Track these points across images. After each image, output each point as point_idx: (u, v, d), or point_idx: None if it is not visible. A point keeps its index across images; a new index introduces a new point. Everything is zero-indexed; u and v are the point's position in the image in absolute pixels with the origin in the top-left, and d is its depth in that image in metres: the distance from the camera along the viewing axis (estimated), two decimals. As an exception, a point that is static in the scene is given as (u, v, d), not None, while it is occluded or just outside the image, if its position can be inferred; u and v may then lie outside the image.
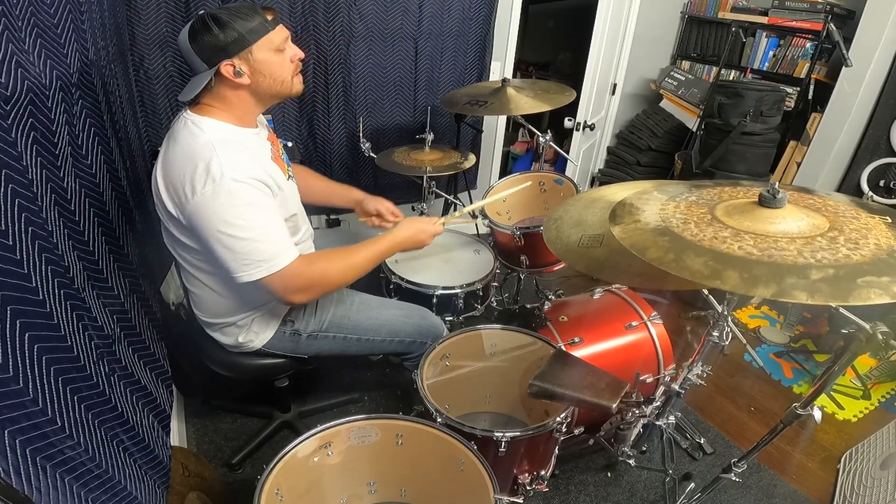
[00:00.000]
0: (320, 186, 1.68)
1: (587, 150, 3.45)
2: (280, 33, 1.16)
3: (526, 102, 1.96)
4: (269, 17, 1.15)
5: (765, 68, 2.92)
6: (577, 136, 3.34)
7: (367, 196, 1.68)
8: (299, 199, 1.38)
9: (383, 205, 1.66)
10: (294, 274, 1.14)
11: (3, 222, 0.68)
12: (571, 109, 3.95)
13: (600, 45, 2.95)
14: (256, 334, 1.37)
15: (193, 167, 1.07)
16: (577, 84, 2.39)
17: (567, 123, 3.25)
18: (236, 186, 1.06)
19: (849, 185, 2.60)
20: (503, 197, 1.61)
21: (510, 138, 4.07)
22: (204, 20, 1.09)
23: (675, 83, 3.20)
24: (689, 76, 3.18)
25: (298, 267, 1.15)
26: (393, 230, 1.38)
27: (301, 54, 1.22)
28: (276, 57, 1.16)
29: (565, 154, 2.55)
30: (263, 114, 1.32)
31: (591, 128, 3.33)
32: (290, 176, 1.33)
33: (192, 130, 1.12)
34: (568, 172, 3.34)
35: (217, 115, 1.17)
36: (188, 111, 1.17)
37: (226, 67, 1.10)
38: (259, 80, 1.15)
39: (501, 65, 2.79)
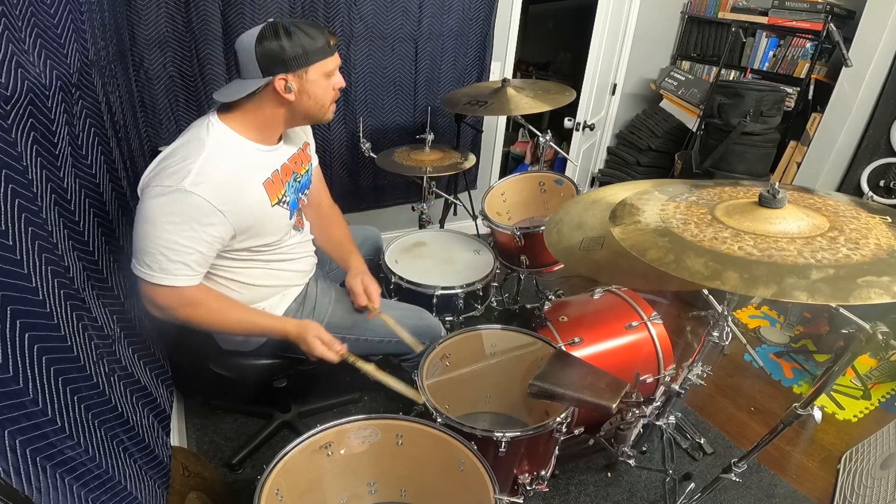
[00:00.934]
0: (331, 240, 1.57)
1: (587, 151, 3.46)
2: (335, 60, 1.17)
3: (526, 102, 1.96)
4: (332, 42, 1.15)
5: (765, 68, 2.92)
6: (577, 136, 3.34)
7: (355, 267, 1.50)
8: (286, 227, 1.32)
9: (361, 284, 1.45)
10: (165, 295, 1.12)
11: (3, 222, 0.68)
12: (571, 109, 3.96)
13: (600, 45, 2.95)
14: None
15: (174, 162, 1.08)
16: (576, 84, 2.39)
17: (567, 123, 3.24)
18: (182, 197, 1.05)
19: (849, 185, 2.60)
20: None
21: (510, 138, 4.07)
22: (276, 28, 1.08)
23: (675, 83, 3.20)
24: (689, 76, 3.18)
25: (181, 300, 1.13)
26: (290, 320, 1.31)
27: (343, 83, 1.22)
28: (325, 81, 1.17)
29: (565, 154, 2.55)
30: None
31: (591, 128, 3.33)
32: (279, 202, 1.26)
33: (202, 131, 1.13)
34: (568, 172, 3.35)
35: (239, 123, 1.17)
36: (215, 115, 1.17)
37: (279, 81, 1.10)
38: (303, 101, 1.16)
39: (501, 65, 2.79)
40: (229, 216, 1.11)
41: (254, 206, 1.18)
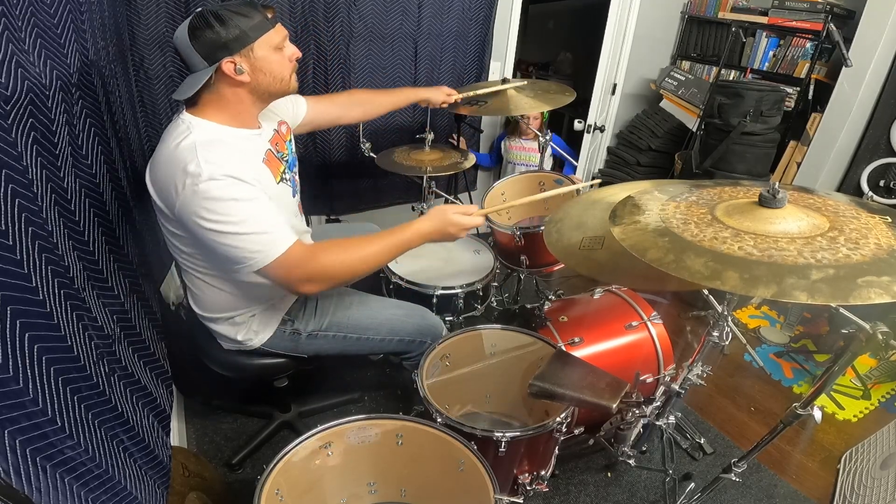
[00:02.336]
0: (387, 101, 1.83)
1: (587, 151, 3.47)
2: (279, 32, 1.16)
3: (526, 102, 1.96)
4: (270, 15, 1.15)
5: (765, 68, 2.92)
6: (587, 138, 3.36)
7: (427, 92, 1.89)
8: (293, 205, 1.35)
9: (443, 92, 1.89)
10: (296, 262, 1.10)
11: (3, 222, 0.68)
12: (573, 110, 3.96)
13: (610, 46, 2.98)
14: (256, 333, 1.37)
15: (174, 170, 1.07)
16: (577, 84, 2.39)
17: (577, 126, 3.25)
18: (214, 185, 1.04)
19: (849, 185, 2.60)
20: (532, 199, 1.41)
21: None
22: (205, 17, 1.08)
23: (675, 83, 3.20)
24: (689, 76, 3.18)
25: (302, 255, 1.11)
26: (419, 219, 1.26)
27: (299, 53, 1.22)
28: (276, 55, 1.16)
29: (566, 156, 2.55)
30: None
31: (602, 130, 3.34)
32: (282, 180, 1.30)
33: (181, 132, 1.12)
34: (577, 174, 3.36)
35: (213, 115, 1.16)
36: (185, 112, 1.17)
37: (227, 65, 1.10)
38: (259, 78, 1.15)
39: (501, 65, 2.79)
40: (255, 184, 1.11)
41: (263, 181, 1.18)
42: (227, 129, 1.18)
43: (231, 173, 1.07)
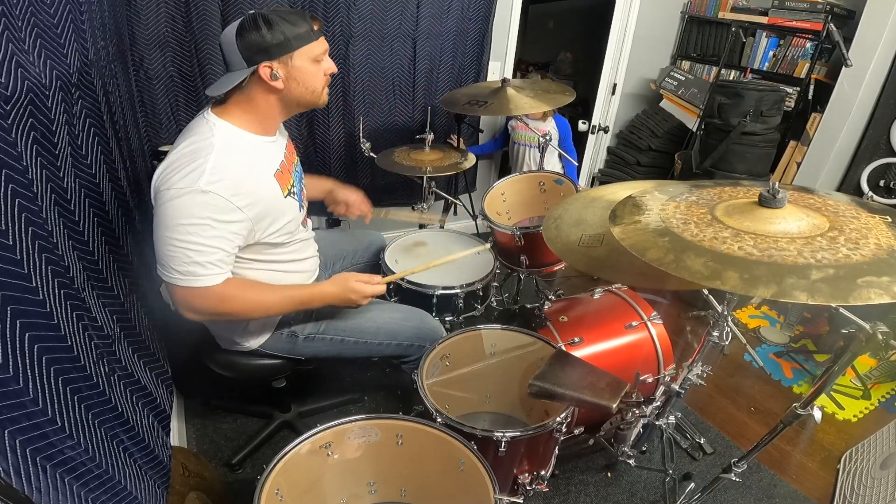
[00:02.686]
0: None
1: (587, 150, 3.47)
2: (321, 45, 1.17)
3: (526, 102, 1.96)
4: (316, 28, 1.16)
5: (765, 68, 2.92)
6: (591, 139, 3.37)
7: (336, 185, 1.68)
8: (299, 219, 1.35)
9: (351, 195, 1.66)
10: (199, 297, 1.13)
11: (3, 222, 0.68)
12: (575, 111, 3.95)
13: (614, 47, 2.99)
14: (252, 334, 1.37)
15: (183, 164, 1.07)
16: (577, 84, 2.39)
17: (581, 126, 3.25)
18: (200, 198, 1.05)
19: (849, 185, 2.60)
20: (451, 259, 1.50)
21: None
22: (255, 18, 1.09)
23: (675, 83, 3.20)
24: (689, 76, 3.18)
25: (207, 294, 1.13)
26: (324, 283, 1.31)
27: (334, 69, 1.23)
28: (313, 67, 1.17)
29: (566, 155, 2.55)
30: None
31: (606, 130, 3.35)
32: (290, 193, 1.29)
33: (204, 130, 1.13)
34: (579, 174, 3.37)
35: (238, 117, 1.17)
36: (210, 111, 1.17)
37: (264, 69, 1.11)
38: (292, 87, 1.16)
39: (501, 65, 2.79)
40: (246, 210, 1.12)
41: (268, 199, 1.19)
42: (247, 134, 1.18)
43: (226, 193, 1.07)
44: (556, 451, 1.38)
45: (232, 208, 1.09)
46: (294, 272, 1.38)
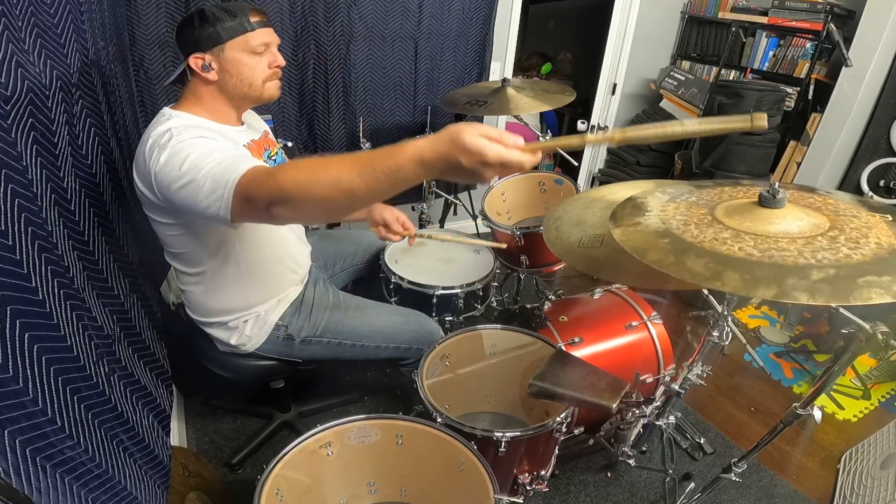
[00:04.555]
0: None
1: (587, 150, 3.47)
2: (259, 37, 1.16)
3: (526, 102, 1.96)
4: (254, 20, 1.15)
5: (765, 68, 2.92)
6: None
7: (379, 204, 1.58)
8: None
9: (391, 213, 1.57)
10: (252, 182, 0.91)
11: (3, 222, 0.68)
12: (575, 111, 3.95)
13: (614, 47, 2.99)
14: (249, 338, 1.37)
15: (147, 146, 1.06)
16: (577, 84, 2.39)
17: (580, 126, 3.25)
18: (179, 136, 1.02)
19: (849, 186, 2.60)
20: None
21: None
22: (192, 15, 1.13)
23: (675, 83, 3.20)
24: (689, 76, 3.18)
25: (260, 172, 0.93)
26: (423, 140, 0.79)
27: (282, 62, 1.22)
28: (249, 59, 1.16)
29: (565, 154, 2.55)
30: (261, 114, 1.31)
31: (605, 130, 3.34)
32: (267, 160, 1.30)
33: (160, 121, 1.12)
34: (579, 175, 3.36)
35: (192, 109, 1.18)
36: (167, 108, 1.18)
37: (194, 60, 1.13)
38: (226, 79, 1.16)
39: (501, 65, 2.79)
40: (221, 140, 1.08)
41: (238, 148, 1.17)
42: (206, 121, 1.18)
43: (194, 123, 1.10)
44: (556, 451, 1.38)
45: (209, 131, 1.10)
46: (286, 273, 1.38)
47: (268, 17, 1.19)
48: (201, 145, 1.02)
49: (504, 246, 1.76)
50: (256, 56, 1.17)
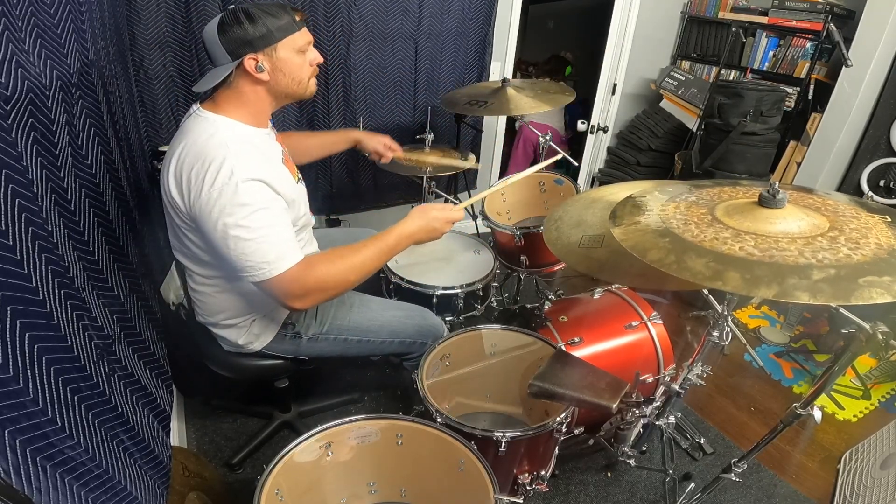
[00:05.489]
0: (317, 142, 1.70)
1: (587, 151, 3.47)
2: (304, 35, 1.17)
3: (526, 102, 1.96)
4: (298, 18, 1.15)
5: (765, 68, 2.91)
6: (590, 139, 3.36)
7: (364, 134, 1.73)
8: (307, 202, 1.37)
9: (380, 142, 1.73)
10: (295, 278, 1.10)
11: (3, 222, 0.68)
12: (580, 111, 3.95)
13: (614, 47, 2.99)
14: (257, 336, 1.37)
15: (205, 166, 1.06)
16: (576, 84, 2.39)
17: (580, 126, 3.25)
18: (244, 187, 1.05)
19: (849, 185, 2.60)
20: (516, 180, 1.62)
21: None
22: (235, 13, 1.09)
23: (675, 83, 3.20)
24: (689, 76, 3.18)
25: (300, 271, 1.11)
26: (402, 222, 1.29)
27: (320, 59, 1.23)
28: (298, 58, 1.17)
29: (566, 154, 2.54)
30: None
31: (605, 130, 3.34)
32: (299, 179, 1.32)
33: (206, 129, 1.12)
34: (578, 175, 3.36)
35: (231, 112, 1.16)
36: (201, 108, 1.16)
37: (249, 61, 1.11)
38: (278, 78, 1.16)
39: (501, 65, 2.79)
40: (279, 190, 1.13)
41: (286, 183, 1.19)
42: (247, 127, 1.18)
43: (263, 178, 1.08)
44: (556, 451, 1.38)
45: (270, 190, 1.11)
46: None
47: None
48: (265, 216, 1.08)
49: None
50: (302, 54, 1.18)
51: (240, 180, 1.05)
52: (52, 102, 0.90)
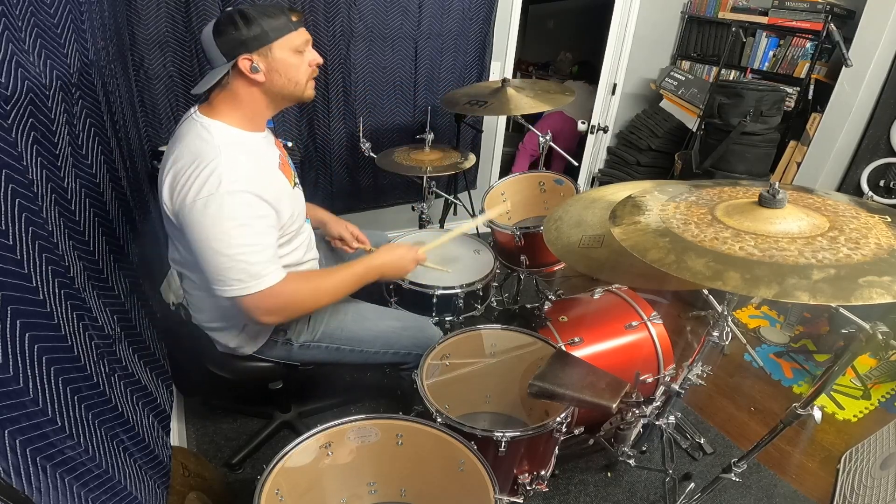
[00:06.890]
0: None
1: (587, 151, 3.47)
2: (301, 35, 1.16)
3: (526, 102, 1.96)
4: (294, 19, 1.15)
5: (765, 68, 2.92)
6: (590, 138, 3.36)
7: (331, 218, 1.63)
8: (304, 208, 1.36)
9: (347, 229, 1.61)
10: (264, 297, 1.11)
11: (3, 222, 0.68)
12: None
13: (614, 47, 2.99)
14: (248, 341, 1.36)
15: (194, 173, 1.05)
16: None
17: (580, 126, 3.25)
18: (230, 200, 1.04)
19: (849, 185, 2.60)
20: (461, 231, 1.63)
21: (511, 138, 4.08)
22: (231, 15, 1.09)
23: (675, 83, 3.20)
24: (689, 76, 3.18)
25: (273, 291, 1.12)
26: (371, 255, 1.36)
27: (319, 60, 1.21)
28: (295, 58, 1.15)
29: (566, 154, 2.55)
30: None
31: (605, 130, 3.34)
32: (296, 184, 1.31)
33: (200, 133, 1.11)
34: (578, 174, 3.35)
35: (227, 116, 1.15)
36: (197, 112, 1.16)
37: (243, 61, 1.10)
38: (274, 79, 1.15)
39: (501, 65, 2.79)
40: (273, 203, 1.13)
41: (281, 191, 1.19)
42: (242, 132, 1.17)
43: (251, 189, 1.08)
44: (556, 451, 1.38)
45: (260, 202, 1.10)
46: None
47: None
48: (246, 233, 1.07)
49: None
50: (299, 55, 1.16)
51: (226, 192, 1.04)
52: (52, 102, 0.90)
